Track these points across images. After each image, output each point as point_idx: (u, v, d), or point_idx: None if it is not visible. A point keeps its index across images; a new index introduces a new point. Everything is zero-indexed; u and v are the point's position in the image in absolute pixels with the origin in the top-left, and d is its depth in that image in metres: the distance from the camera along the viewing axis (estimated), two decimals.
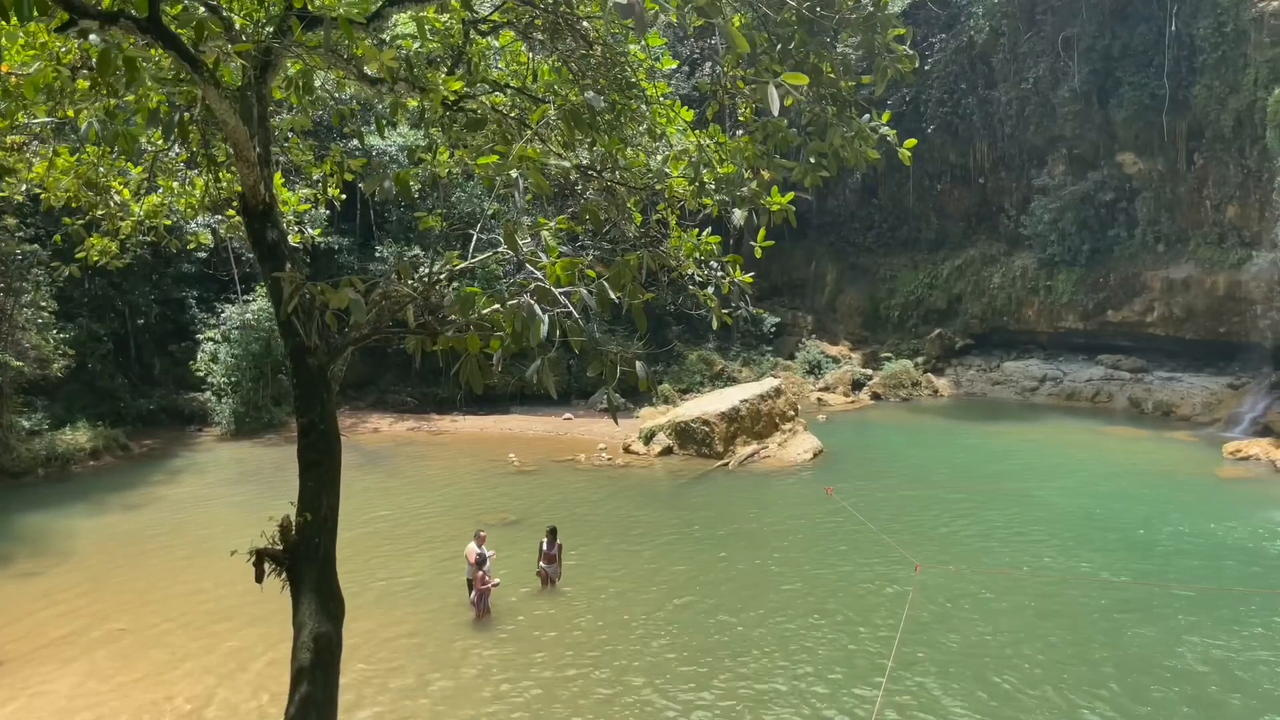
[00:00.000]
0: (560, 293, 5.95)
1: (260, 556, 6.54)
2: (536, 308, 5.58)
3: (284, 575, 6.61)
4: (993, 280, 44.02)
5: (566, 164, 7.39)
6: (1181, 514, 23.60)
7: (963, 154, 45.26)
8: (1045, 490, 26.26)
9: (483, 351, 5.84)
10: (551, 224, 6.31)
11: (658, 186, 8.42)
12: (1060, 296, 41.42)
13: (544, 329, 5.52)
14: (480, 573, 17.28)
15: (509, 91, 8.65)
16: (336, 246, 36.83)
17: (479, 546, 17.49)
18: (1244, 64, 34.11)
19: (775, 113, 6.00)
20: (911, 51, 7.02)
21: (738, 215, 7.95)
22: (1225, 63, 34.89)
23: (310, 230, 11.82)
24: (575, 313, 5.96)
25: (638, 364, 6.03)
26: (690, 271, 8.40)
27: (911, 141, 7.74)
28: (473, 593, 17.42)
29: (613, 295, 6.14)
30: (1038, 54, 40.75)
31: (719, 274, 8.41)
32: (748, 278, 8.39)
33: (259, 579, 6.62)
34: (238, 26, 7.23)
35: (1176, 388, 37.68)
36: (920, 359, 44.29)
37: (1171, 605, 17.86)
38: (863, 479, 27.61)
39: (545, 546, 18.81)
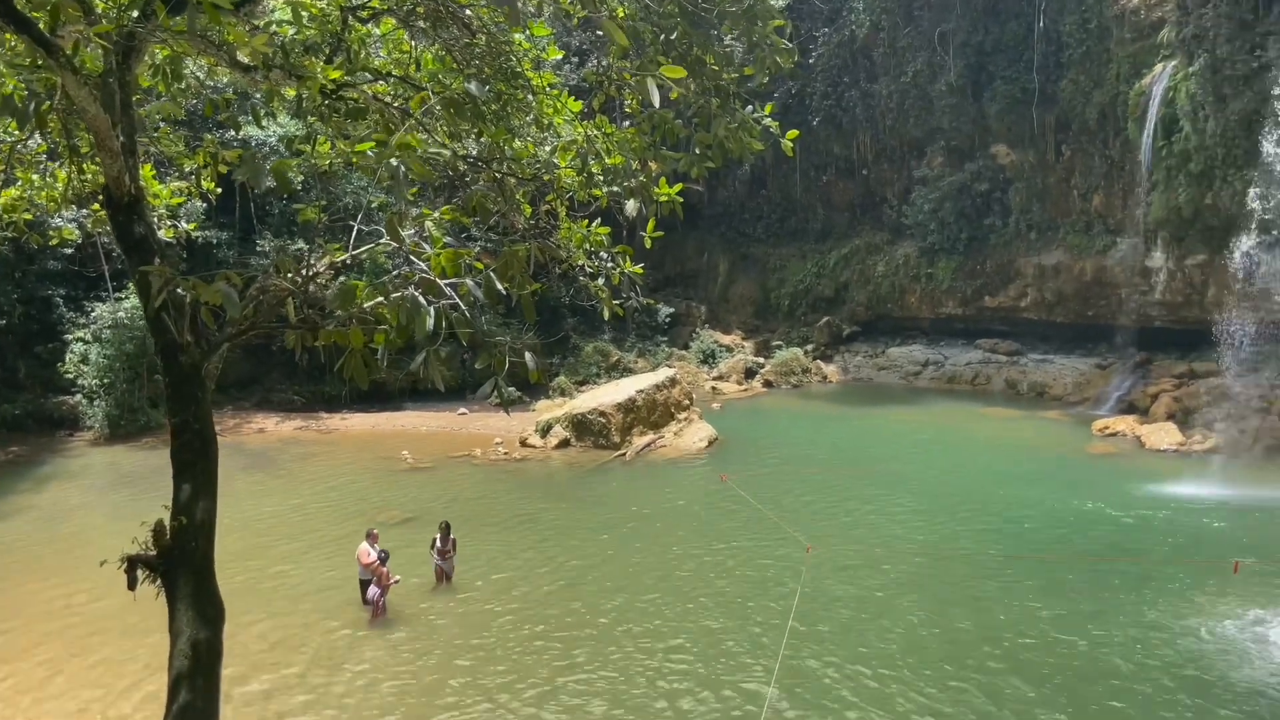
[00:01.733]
0: (447, 284, 5.85)
1: (132, 563, 6.27)
2: (421, 300, 5.48)
3: (159, 582, 6.35)
4: (877, 269, 45.28)
5: (448, 153, 7.29)
6: (1049, 489, 24.77)
7: (846, 146, 46.38)
8: (925, 470, 27.23)
9: (367, 346, 5.71)
10: (435, 214, 6.21)
11: (546, 177, 8.37)
12: (941, 283, 42.87)
13: (430, 321, 5.43)
14: (384, 569, 16.99)
15: (391, 80, 8.47)
16: (215, 241, 35.41)
17: (371, 546, 17.18)
18: (1107, 59, 35.74)
19: (655, 104, 6.05)
20: (790, 44, 7.16)
21: (630, 206, 7.97)
22: (1090, 58, 36.51)
23: (185, 224, 11.36)
24: (463, 305, 5.87)
25: (527, 355, 5.98)
26: (581, 263, 8.40)
27: (794, 133, 7.90)
28: (368, 592, 17.10)
29: (500, 286, 6.08)
30: (916, 49, 41.98)
31: (609, 265, 8.42)
32: (638, 268, 8.42)
33: (131, 586, 6.34)
34: (98, 10, 6.89)
35: (1049, 369, 39.46)
36: (810, 346, 45.32)
37: (1031, 574, 18.74)
38: (756, 464, 28.15)
39: (439, 542, 18.57)
